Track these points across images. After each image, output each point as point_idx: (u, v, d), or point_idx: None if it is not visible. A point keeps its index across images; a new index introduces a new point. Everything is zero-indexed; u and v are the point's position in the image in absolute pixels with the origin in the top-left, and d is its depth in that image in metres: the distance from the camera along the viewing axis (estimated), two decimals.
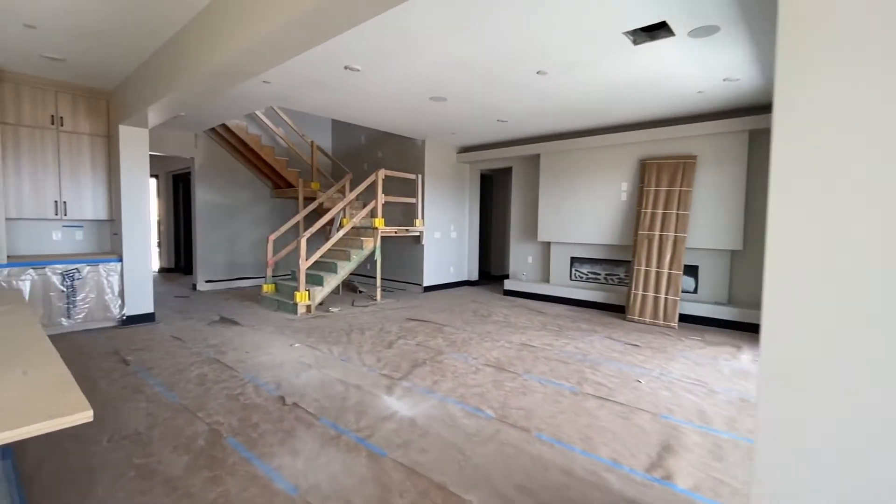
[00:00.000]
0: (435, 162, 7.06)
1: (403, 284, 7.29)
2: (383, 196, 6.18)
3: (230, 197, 7.19)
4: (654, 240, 5.16)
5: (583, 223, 6.01)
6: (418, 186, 6.68)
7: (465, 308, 5.77)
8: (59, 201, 4.40)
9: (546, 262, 6.71)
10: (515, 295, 6.72)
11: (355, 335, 4.31)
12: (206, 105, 4.94)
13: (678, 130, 5.12)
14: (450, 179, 7.37)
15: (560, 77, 3.92)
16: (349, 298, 6.32)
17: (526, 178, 6.93)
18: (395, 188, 7.25)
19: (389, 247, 7.51)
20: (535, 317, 5.30)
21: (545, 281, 6.67)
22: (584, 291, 5.99)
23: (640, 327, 4.90)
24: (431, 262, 7.11)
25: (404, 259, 7.28)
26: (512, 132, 6.22)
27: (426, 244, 6.98)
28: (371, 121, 5.69)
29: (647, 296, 5.13)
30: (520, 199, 7.03)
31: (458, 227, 7.59)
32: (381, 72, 3.84)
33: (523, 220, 6.98)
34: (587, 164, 5.95)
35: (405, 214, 7.17)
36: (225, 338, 4.15)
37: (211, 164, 6.94)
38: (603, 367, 3.50)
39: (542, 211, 6.41)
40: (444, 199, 7.30)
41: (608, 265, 6.00)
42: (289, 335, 4.28)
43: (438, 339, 4.20)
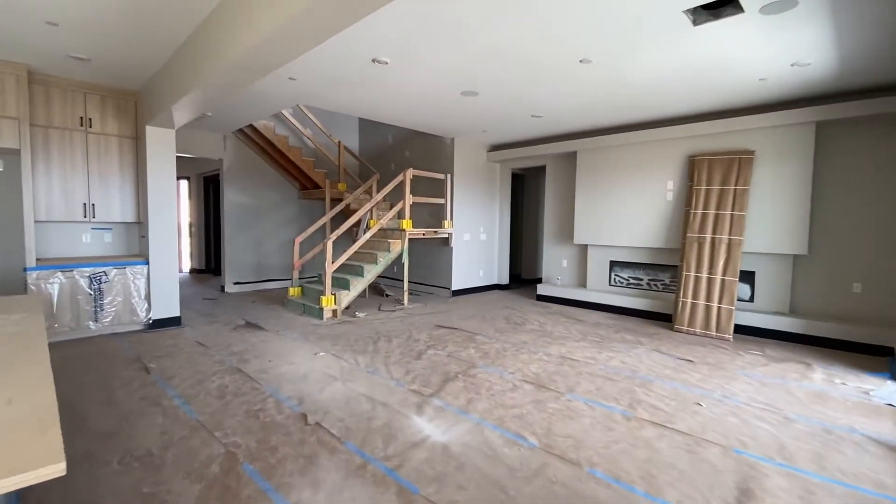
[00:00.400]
0: (464, 161, 6.79)
1: (431, 288, 7.05)
2: (411, 197, 5.96)
3: (258, 198, 7.12)
4: (705, 243, 4.73)
5: (623, 225, 5.61)
6: (447, 187, 6.43)
7: (496, 314, 5.47)
8: (87, 203, 4.36)
9: (582, 266, 6.33)
10: (549, 300, 6.37)
11: (382, 343, 4.08)
12: (232, 104, 4.84)
13: (733, 123, 4.67)
14: (479, 179, 7.09)
15: (605, 66, 3.58)
16: (376, 302, 6.12)
17: (561, 177, 6.57)
18: (423, 189, 7.02)
19: (417, 249, 7.29)
20: (572, 325, 4.95)
21: (582, 286, 6.29)
22: (624, 298, 5.59)
23: (689, 339, 4.48)
24: (460, 265, 6.84)
25: (432, 262, 7.04)
26: (546, 129, 5.88)
27: (455, 246, 6.72)
28: (400, 119, 5.47)
29: (698, 304, 4.70)
30: (554, 199, 6.67)
31: (487, 228, 7.30)
32: (411, 65, 3.60)
33: (558, 221, 6.62)
34: (629, 162, 5.55)
35: (433, 216, 6.92)
36: (248, 344, 4.00)
37: (239, 166, 6.89)
38: (656, 386, 3.14)
39: (579, 212, 6.04)
40: (474, 200, 7.01)
41: (651, 270, 5.58)
42: (314, 342, 4.09)
43: (470, 350, 3.92)
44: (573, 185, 6.37)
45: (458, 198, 6.72)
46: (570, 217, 6.44)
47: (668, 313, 5.18)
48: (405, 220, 5.88)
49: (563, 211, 6.55)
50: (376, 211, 6.57)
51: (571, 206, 6.40)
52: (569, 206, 6.45)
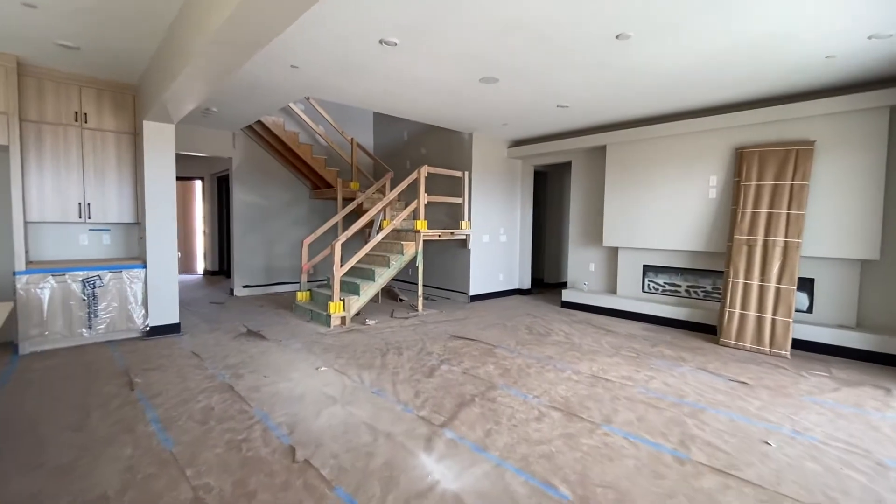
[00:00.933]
0: (483, 158, 6.37)
1: (447, 293, 6.65)
2: (426, 196, 5.57)
3: (268, 198, 6.86)
4: (755, 246, 4.18)
5: (659, 226, 5.08)
6: (465, 185, 6.02)
7: (517, 323, 5.02)
8: (82, 203, 4.13)
9: (612, 270, 5.82)
10: (575, 307, 5.88)
11: (391, 356, 3.69)
12: (235, 98, 4.54)
13: (790, 110, 4.11)
14: (500, 177, 6.65)
15: (645, 42, 3.11)
16: (388, 308, 5.75)
17: (588, 173, 6.07)
18: (440, 187, 6.63)
19: (433, 251, 6.90)
20: (602, 337, 4.47)
21: (611, 292, 5.78)
22: (660, 307, 5.06)
23: (739, 355, 3.95)
24: (479, 268, 6.42)
25: (449, 265, 6.63)
26: (573, 121, 5.40)
27: (473, 248, 6.30)
28: (414, 111, 5.08)
29: (748, 315, 4.16)
30: (580, 197, 6.17)
31: (508, 229, 6.85)
32: (422, 46, 3.20)
33: (584, 221, 6.13)
34: (665, 156, 5.02)
35: (450, 216, 6.52)
36: (246, 356, 3.67)
37: (249, 165, 6.63)
38: (709, 416, 2.65)
39: (609, 212, 5.53)
40: (493, 199, 6.58)
41: (691, 276, 5.03)
42: (317, 354, 3.74)
43: (489, 366, 3.49)
44: (601, 182, 5.87)
45: (477, 197, 6.30)
46: (597, 217, 5.94)
47: (710, 324, 4.64)
48: (420, 220, 5.49)
49: (590, 211, 6.06)
50: (390, 211, 6.21)
51: (599, 206, 5.90)
52: (596, 205, 5.95)
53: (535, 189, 8.00)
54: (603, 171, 5.84)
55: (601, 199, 5.88)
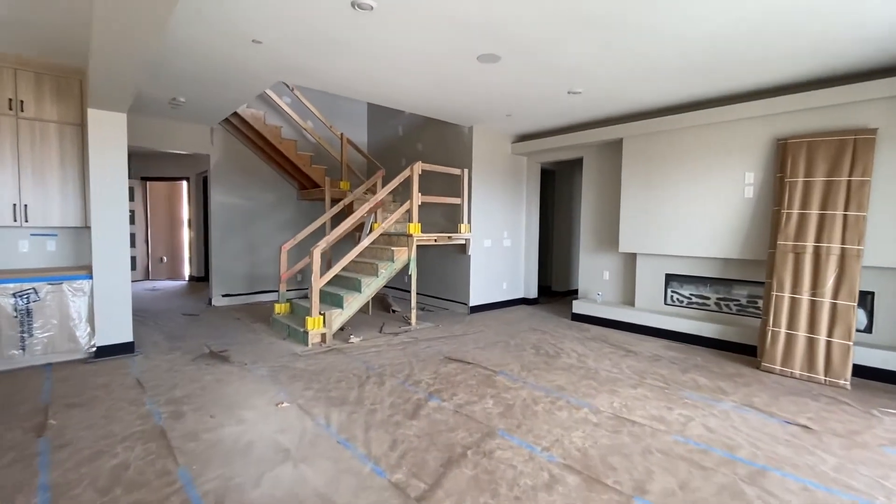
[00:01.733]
0: (485, 154, 5.76)
1: (445, 303, 6.03)
2: (420, 196, 4.97)
3: (251, 199, 6.30)
4: (804, 254, 3.53)
5: (684, 230, 4.45)
6: (464, 184, 5.41)
7: (523, 340, 4.40)
8: (17, 204, 3.57)
9: (629, 279, 5.18)
10: (587, 321, 5.24)
11: (371, 387, 3.09)
12: (200, 83, 3.98)
13: (846, 93, 3.47)
14: (503, 176, 6.03)
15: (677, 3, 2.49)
16: (379, 321, 5.15)
17: (601, 171, 5.44)
18: (437, 187, 6.03)
19: (429, 257, 6.29)
20: (622, 359, 3.84)
21: (628, 304, 5.14)
22: (686, 322, 4.42)
23: (789, 385, 3.30)
24: (479, 276, 5.80)
25: (447, 272, 6.02)
26: (585, 111, 4.78)
27: (473, 254, 5.68)
28: (403, 99, 4.49)
29: (796, 336, 3.51)
30: (593, 198, 5.54)
31: (512, 233, 6.23)
32: (404, 10, 2.61)
33: (597, 224, 5.50)
34: (692, 150, 4.39)
35: (448, 218, 5.92)
36: (198, 386, 3.09)
37: (229, 163, 6.08)
38: (773, 480, 2.02)
39: (626, 213, 4.90)
40: (496, 200, 5.96)
41: (723, 287, 4.39)
42: (283, 384, 3.14)
43: (487, 401, 2.88)
44: (617, 180, 5.24)
45: (478, 197, 5.69)
46: (612, 220, 5.31)
47: (747, 344, 4.00)
48: (413, 223, 4.89)
49: (603, 212, 5.42)
50: (382, 213, 5.62)
51: (614, 207, 5.27)
52: (611, 206, 5.32)
53: (542, 189, 7.38)
54: (618, 168, 5.21)
55: (616, 200, 5.25)
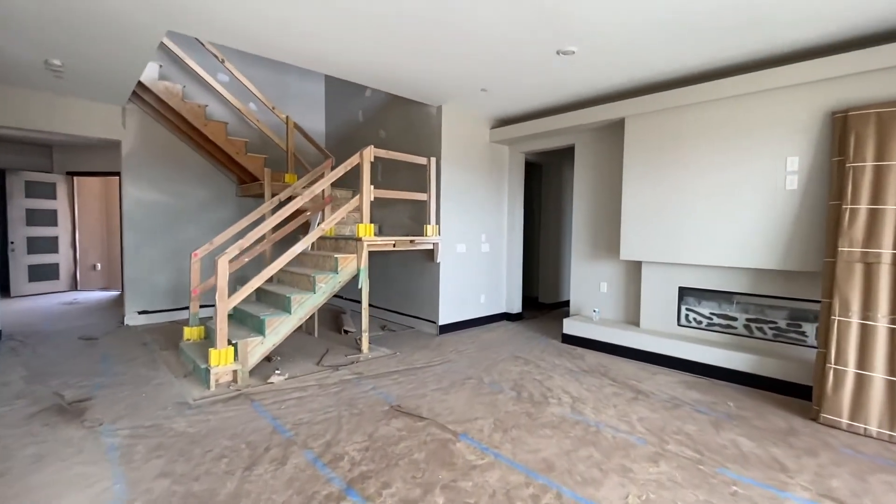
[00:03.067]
0: (458, 142, 4.76)
1: (412, 321, 5.01)
2: (372, 190, 3.95)
3: (178, 196, 5.21)
4: (880, 263, 2.59)
5: (703, 232, 3.50)
6: (430, 176, 4.41)
7: (500, 376, 3.40)
8: None
9: (634, 293, 4.22)
10: (581, 343, 4.26)
11: (262, 471, 2.05)
12: (60, 31, 2.91)
13: None
14: (480, 168, 5.04)
15: None
16: (324, 345, 4.12)
17: (598, 161, 4.48)
18: (403, 181, 5.03)
19: (391, 266, 5.27)
20: (630, 405, 2.85)
21: (632, 323, 4.17)
22: (706, 350, 3.46)
23: (868, 450, 2.34)
24: (451, 288, 4.79)
25: (412, 284, 5.00)
26: (578, 82, 3.82)
27: (443, 262, 4.67)
28: (345, 63, 3.47)
29: (870, 378, 2.56)
30: (586, 194, 4.58)
31: (492, 236, 5.23)
32: None
33: (593, 226, 4.53)
34: (715, 130, 3.44)
35: (417, 219, 4.90)
36: (3, 467, 2.02)
37: (148, 151, 4.99)
38: None
39: (628, 212, 3.94)
40: (472, 197, 4.97)
41: (753, 305, 3.44)
42: (134, 464, 2.09)
43: (436, 497, 1.86)
44: (617, 172, 4.28)
45: (450, 193, 4.68)
46: (611, 220, 4.35)
47: (790, 382, 3.05)
48: (363, 224, 3.87)
49: (600, 211, 4.46)
50: (331, 211, 4.58)
51: (614, 205, 4.31)
52: (609, 203, 4.36)
53: (527, 185, 6.41)
54: (618, 156, 4.26)
55: (616, 196, 4.29)
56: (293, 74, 6.19)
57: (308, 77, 6.34)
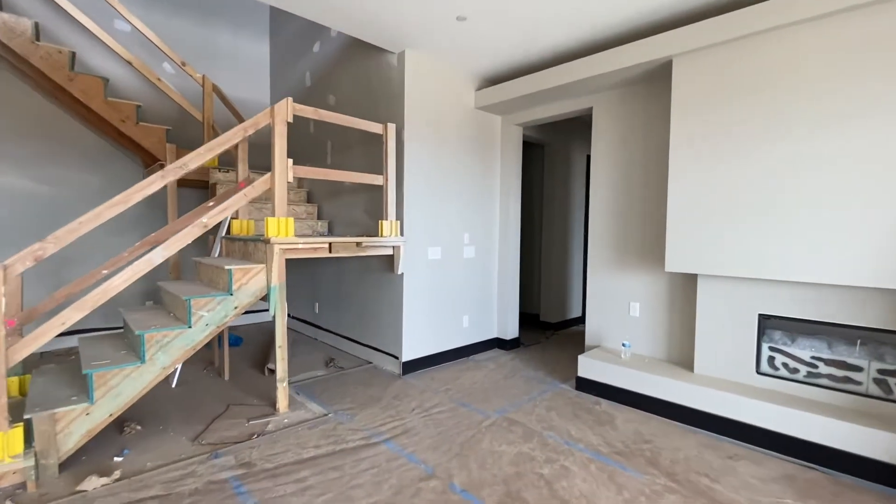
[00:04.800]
0: (429, 105, 3.43)
1: (370, 352, 3.67)
2: (292, 168, 2.61)
3: (56, 182, 3.88)
4: None
5: (809, 232, 2.18)
6: (388, 151, 3.09)
7: (482, 471, 2.07)
8: None
9: (683, 319, 2.89)
10: (605, 392, 2.92)
11: None
12: None
13: None
14: (462, 143, 3.71)
15: None
16: (232, 393, 2.78)
17: (626, 130, 3.16)
18: (356, 161, 3.72)
19: (344, 275, 3.94)
20: None
21: (680, 364, 2.84)
22: (812, 419, 2.13)
23: None
24: (421, 308, 3.45)
25: (369, 302, 3.67)
26: (597, 13, 2.49)
27: (409, 273, 3.34)
28: None
29: None
30: (610, 178, 3.25)
31: (479, 237, 3.90)
32: None
33: (618, 223, 3.21)
34: (838, 62, 2.12)
35: (374, 213, 3.57)
36: None
37: (9, 120, 3.66)
38: None
39: (679, 203, 2.61)
40: (451, 183, 3.63)
41: (890, 346, 2.13)
42: None
43: None
44: (658, 144, 2.97)
45: (417, 177, 3.35)
46: (647, 215, 3.03)
47: None
48: (277, 217, 2.54)
49: (630, 202, 3.14)
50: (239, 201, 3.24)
51: (653, 192, 3.00)
52: (645, 191, 3.05)
53: (526, 171, 5.08)
54: (660, 122, 2.95)
55: (657, 180, 2.98)
56: (226, 29, 4.85)
57: (248, 34, 5.01)
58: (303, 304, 4.57)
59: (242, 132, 2.48)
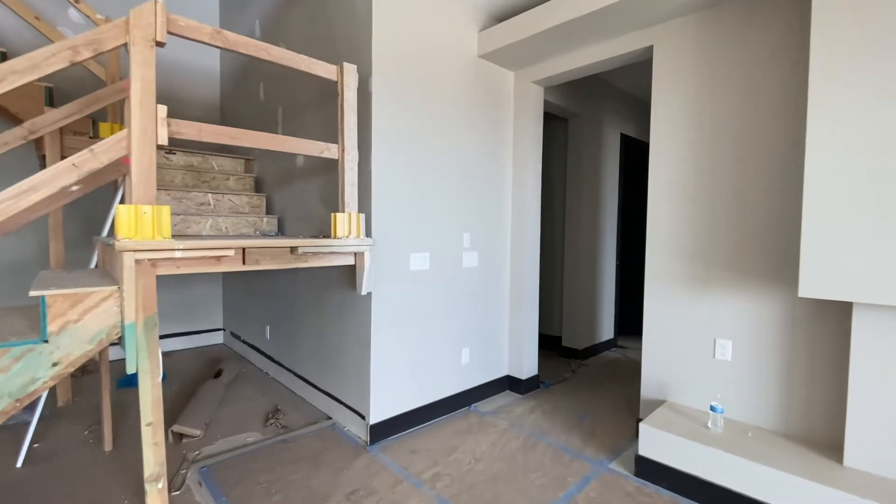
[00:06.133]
0: (410, 47, 2.35)
1: (326, 401, 2.60)
2: (164, 121, 1.54)
3: None
4: None
5: None
6: (343, 107, 2.01)
7: None
8: None
9: (820, 372, 1.79)
10: (679, 484, 1.83)
11: None
12: None
13: None
14: (460, 106, 2.62)
15: None
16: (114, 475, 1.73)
17: (712, 74, 2.06)
18: (310, 127, 2.67)
19: (292, 292, 2.87)
20: None
21: (815, 445, 1.73)
22: None
23: None
24: (396, 344, 2.37)
25: (327, 332, 2.59)
26: None
27: (379, 291, 2.26)
28: None
29: None
30: (683, 150, 2.17)
31: (483, 239, 2.81)
32: None
33: (695, 220, 2.12)
34: None
35: (330, 203, 2.49)
36: None
37: None
38: None
39: (822, 184, 1.52)
40: (442, 163, 2.55)
41: None
42: None
43: None
44: (771, 92, 1.88)
45: (394, 149, 2.28)
46: (747, 203, 1.94)
47: None
48: (136, 205, 1.47)
49: (718, 186, 2.05)
50: None
51: (758, 168, 1.90)
52: (741, 166, 1.95)
53: (543, 151, 3.99)
54: (773, 59, 1.87)
55: (769, 150, 1.89)
56: None
57: None
58: (253, 327, 3.51)
59: (69, 54, 1.41)
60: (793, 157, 1.82)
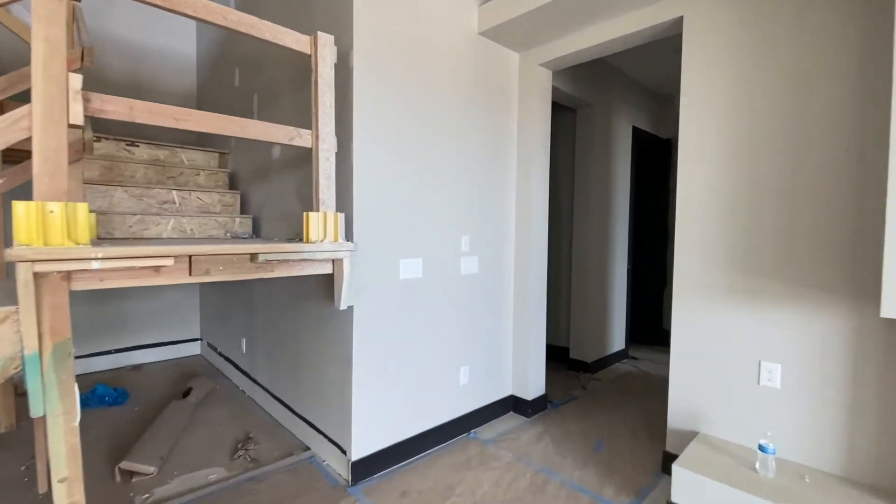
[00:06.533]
0: (399, 19, 2.02)
1: (304, 428, 2.27)
2: (80, 94, 1.20)
3: None
4: None
5: None
6: (317, 84, 1.68)
7: None
8: None
9: (894, 409, 1.48)
10: None
11: None
12: None
13: None
14: (458, 90, 2.29)
15: None
16: None
17: (753, 49, 1.74)
18: (285, 112, 2.34)
19: (269, 303, 2.55)
20: None
21: (887, 495, 1.43)
22: None
23: None
24: (382, 366, 2.04)
25: (305, 349, 2.26)
26: None
27: (362, 305, 1.93)
28: None
29: None
30: (721, 139, 1.84)
31: (485, 241, 2.48)
32: None
33: (734, 221, 1.79)
34: None
35: (307, 201, 2.16)
36: None
37: None
38: None
39: None
40: (437, 155, 2.22)
41: None
42: None
43: None
44: (829, 65, 1.55)
45: (379, 140, 1.95)
46: (799, 201, 1.61)
47: None
48: (38, 202, 1.14)
49: (762, 182, 1.72)
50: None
51: (818, 160, 1.58)
52: (794, 155, 1.63)
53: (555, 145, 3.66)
54: (826, 39, 1.54)
55: (830, 139, 1.56)
56: None
57: None
58: (230, 339, 3.18)
59: None
60: (867, 151, 1.50)
